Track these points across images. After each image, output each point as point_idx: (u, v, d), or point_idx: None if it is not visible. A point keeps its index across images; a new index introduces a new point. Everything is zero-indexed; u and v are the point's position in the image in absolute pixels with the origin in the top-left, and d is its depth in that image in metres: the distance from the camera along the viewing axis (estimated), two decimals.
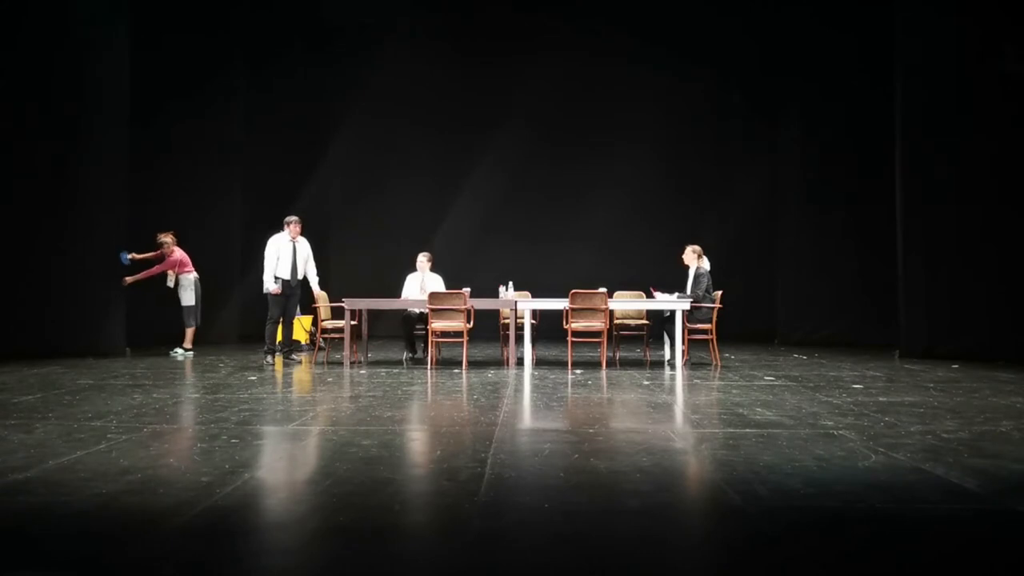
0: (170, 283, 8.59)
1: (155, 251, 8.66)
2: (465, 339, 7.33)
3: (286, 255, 7.76)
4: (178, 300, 8.64)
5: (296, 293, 8.00)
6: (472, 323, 7.35)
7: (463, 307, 7.25)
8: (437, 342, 7.78)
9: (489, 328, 9.19)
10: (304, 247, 7.96)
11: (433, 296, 7.36)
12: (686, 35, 11.76)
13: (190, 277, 8.64)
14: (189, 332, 8.55)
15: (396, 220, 12.03)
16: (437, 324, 7.33)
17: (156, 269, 8.58)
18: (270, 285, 7.67)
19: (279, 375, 6.90)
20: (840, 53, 10.59)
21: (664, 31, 11.76)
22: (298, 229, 7.84)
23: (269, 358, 7.68)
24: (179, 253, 8.66)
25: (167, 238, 8.63)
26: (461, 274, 8.91)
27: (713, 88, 11.87)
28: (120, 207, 8.45)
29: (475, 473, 3.03)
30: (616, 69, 11.96)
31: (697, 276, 7.68)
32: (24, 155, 8.08)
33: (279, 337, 8.26)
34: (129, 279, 8.47)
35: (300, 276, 7.90)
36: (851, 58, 10.51)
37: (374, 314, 8.61)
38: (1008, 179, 7.79)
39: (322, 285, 8.25)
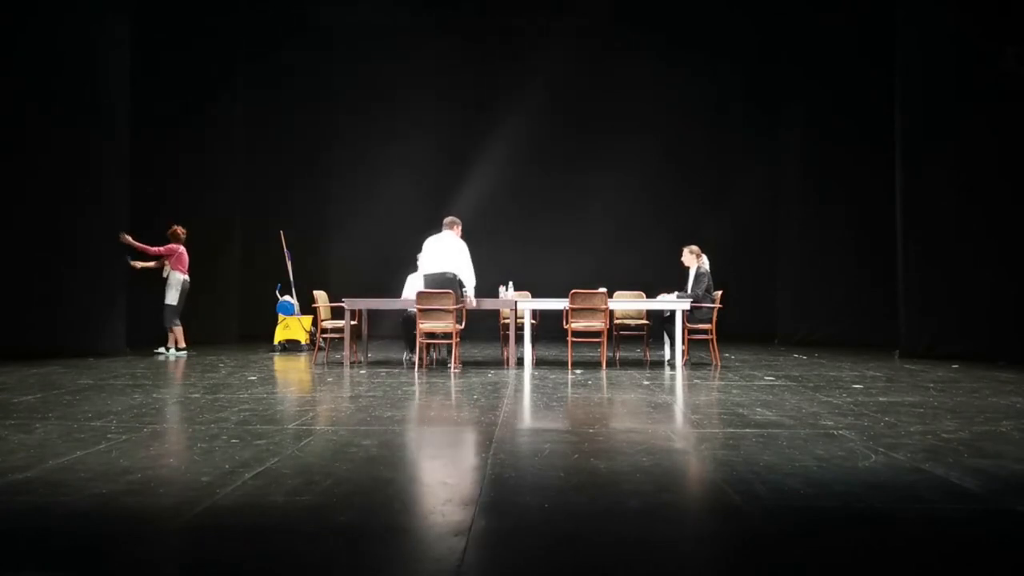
0: (165, 273, 8.57)
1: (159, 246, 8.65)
2: (455, 340, 7.06)
3: None
4: (163, 297, 8.61)
5: None
6: (464, 323, 7.05)
7: (452, 307, 6.89)
8: (436, 343, 7.47)
9: (489, 328, 9.19)
10: None
11: (421, 296, 6.97)
12: (686, 35, 11.77)
13: (179, 277, 8.57)
14: (178, 331, 8.49)
15: (396, 220, 12.03)
16: (425, 325, 6.94)
17: (158, 250, 8.52)
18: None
19: (279, 375, 6.90)
20: (841, 53, 10.59)
21: (664, 30, 11.78)
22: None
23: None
24: (182, 249, 8.66)
25: (179, 230, 8.64)
26: None
27: (714, 88, 11.88)
28: (121, 207, 8.47)
29: (475, 473, 3.03)
30: (616, 69, 11.98)
31: (698, 276, 7.68)
32: (24, 156, 8.08)
33: (280, 337, 8.19)
34: (137, 264, 8.50)
35: None
36: (852, 58, 10.51)
37: (374, 314, 8.59)
38: (1009, 178, 7.79)
39: (321, 285, 8.24)
